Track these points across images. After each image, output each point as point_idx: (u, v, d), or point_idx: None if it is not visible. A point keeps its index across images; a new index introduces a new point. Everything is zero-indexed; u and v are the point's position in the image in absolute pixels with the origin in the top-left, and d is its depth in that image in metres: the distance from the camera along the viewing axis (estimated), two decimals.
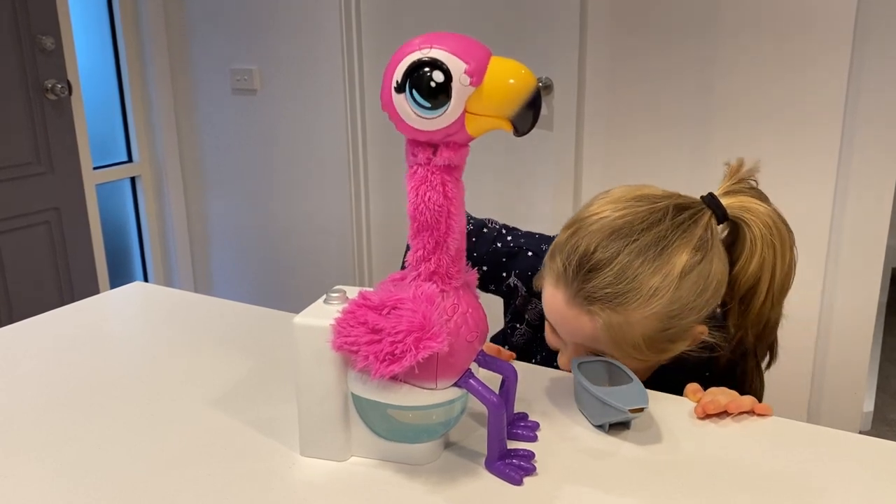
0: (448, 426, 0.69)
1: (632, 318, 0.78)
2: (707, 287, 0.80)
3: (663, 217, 0.80)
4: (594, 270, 0.78)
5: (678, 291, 0.78)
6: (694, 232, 0.80)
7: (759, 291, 0.85)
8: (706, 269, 0.79)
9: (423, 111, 0.58)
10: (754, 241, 0.83)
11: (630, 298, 0.77)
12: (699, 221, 0.81)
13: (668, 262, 0.78)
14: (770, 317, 0.88)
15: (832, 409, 1.90)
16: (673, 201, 0.82)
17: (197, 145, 2.67)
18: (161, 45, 2.58)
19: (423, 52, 0.58)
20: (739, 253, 0.84)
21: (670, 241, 0.79)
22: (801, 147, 1.78)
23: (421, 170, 0.62)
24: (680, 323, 0.80)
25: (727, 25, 1.79)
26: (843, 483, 0.67)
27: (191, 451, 0.73)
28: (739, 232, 0.85)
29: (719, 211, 0.83)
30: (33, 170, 2.28)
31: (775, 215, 0.85)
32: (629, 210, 0.81)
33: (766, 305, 0.86)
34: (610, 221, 0.81)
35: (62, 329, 1.04)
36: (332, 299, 0.70)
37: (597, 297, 0.78)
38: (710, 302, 0.81)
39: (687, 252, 0.79)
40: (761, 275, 0.84)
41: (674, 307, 0.78)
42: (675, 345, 0.82)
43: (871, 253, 1.77)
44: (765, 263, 0.84)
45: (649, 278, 0.77)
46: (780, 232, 0.84)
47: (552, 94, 1.99)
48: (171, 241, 2.77)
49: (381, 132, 2.32)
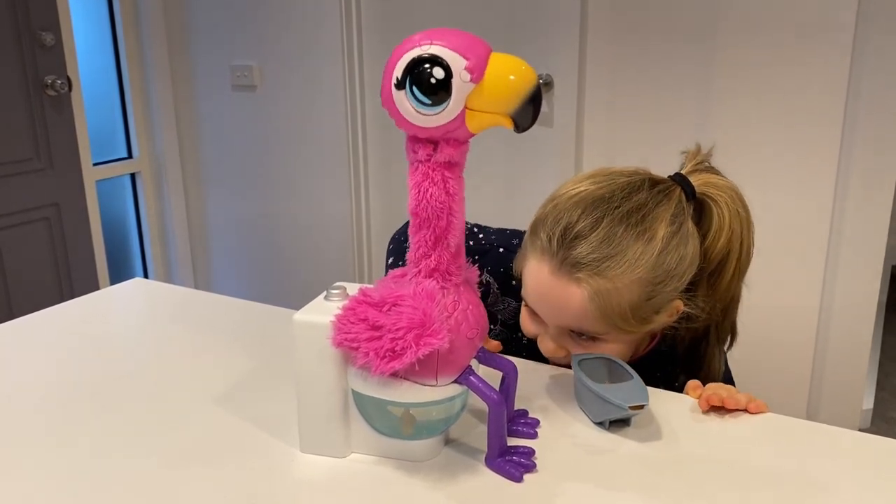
0: (448, 423, 0.69)
1: (619, 284, 0.79)
2: (685, 256, 0.82)
3: (640, 187, 0.83)
4: (579, 238, 0.80)
5: (661, 257, 0.80)
6: (669, 203, 0.83)
7: (728, 264, 0.88)
8: (684, 239, 0.82)
9: (424, 108, 0.58)
10: (722, 215, 0.86)
11: (616, 263, 0.79)
12: (672, 195, 0.84)
13: (651, 228, 0.80)
14: (735, 292, 0.91)
15: (832, 406, 1.90)
16: (647, 176, 0.86)
17: (197, 141, 2.67)
18: (161, 41, 2.58)
19: (423, 48, 0.58)
20: (708, 227, 0.87)
21: (650, 209, 0.81)
22: (802, 145, 1.77)
23: (422, 166, 0.62)
24: (663, 290, 0.81)
25: (729, 22, 1.78)
26: (842, 480, 0.67)
27: (190, 448, 0.73)
28: (706, 208, 0.87)
29: (688, 188, 0.86)
30: (33, 166, 2.27)
31: (737, 190, 0.88)
32: (607, 182, 0.84)
33: (733, 279, 0.89)
34: (590, 193, 0.83)
35: (62, 326, 1.04)
36: (333, 296, 0.69)
37: (583, 264, 0.79)
38: (688, 272, 0.83)
39: (666, 220, 0.81)
40: (730, 248, 0.87)
41: (658, 273, 0.80)
42: (658, 316, 0.84)
43: (871, 251, 1.77)
44: (733, 236, 0.86)
45: (633, 243, 0.79)
46: (745, 205, 0.88)
47: (552, 90, 1.99)
48: (170, 238, 2.77)
49: (382, 128, 2.32)
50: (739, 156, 1.83)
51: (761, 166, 1.81)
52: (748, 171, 1.83)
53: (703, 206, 0.87)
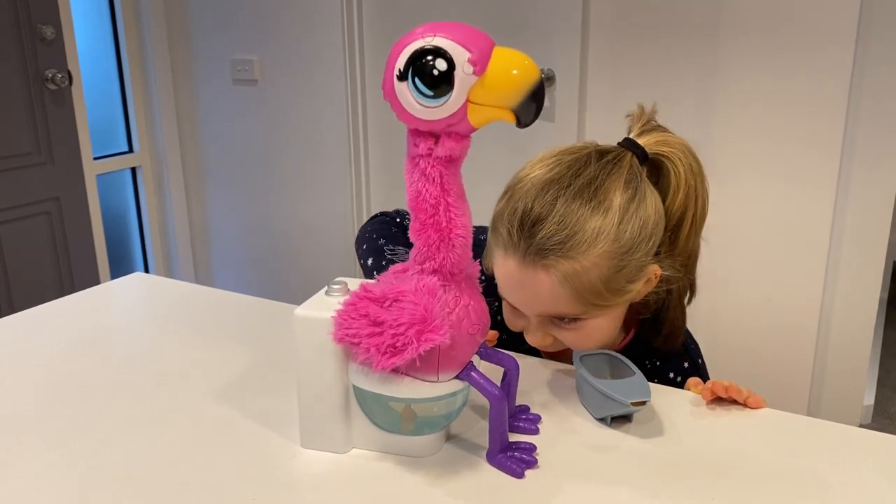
0: (449, 419, 0.69)
1: (585, 262, 0.79)
2: (647, 220, 0.82)
3: (588, 161, 0.83)
4: (537, 224, 0.79)
5: (621, 226, 0.79)
6: (621, 170, 0.82)
7: (685, 220, 0.87)
8: (642, 203, 0.82)
9: (426, 100, 0.58)
10: (678, 172, 0.86)
11: (578, 241, 0.78)
12: (622, 161, 0.84)
13: (606, 200, 0.80)
14: (694, 247, 0.90)
15: (833, 402, 1.90)
16: (594, 148, 0.85)
17: (197, 136, 2.66)
18: (161, 35, 2.57)
19: (426, 40, 0.57)
20: (666, 186, 0.87)
21: (602, 181, 0.81)
22: (804, 138, 1.77)
23: (421, 161, 0.62)
24: (632, 259, 0.81)
25: (731, 17, 1.78)
26: (843, 476, 0.67)
27: (190, 443, 0.73)
28: (662, 168, 0.87)
29: (639, 151, 0.86)
30: (33, 160, 2.27)
31: (688, 144, 0.88)
32: (555, 163, 0.84)
33: (691, 234, 0.88)
34: (540, 177, 0.83)
35: (62, 320, 1.04)
36: (334, 291, 0.69)
37: (547, 249, 0.79)
38: (654, 235, 0.83)
39: (619, 189, 0.81)
40: (687, 203, 0.87)
41: (622, 243, 0.80)
42: (633, 285, 0.83)
43: (873, 247, 1.77)
44: (690, 191, 0.86)
45: (590, 218, 0.79)
46: (697, 159, 0.88)
47: (554, 85, 1.99)
48: (171, 232, 2.77)
49: (383, 122, 2.31)
50: (741, 149, 1.83)
51: (763, 160, 1.81)
52: (750, 165, 1.83)
53: (658, 165, 0.87)
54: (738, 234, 1.86)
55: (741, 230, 1.86)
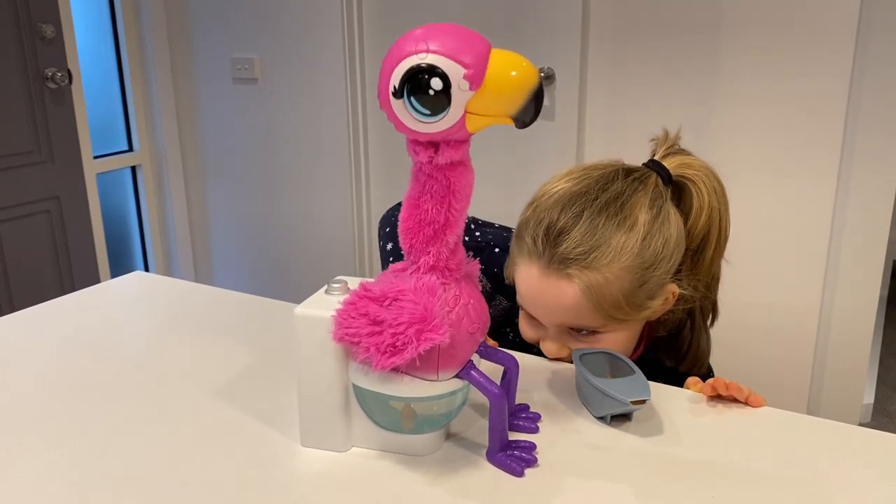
0: (449, 417, 0.69)
1: (608, 274, 0.80)
2: (669, 239, 0.83)
3: (615, 178, 0.84)
4: (562, 234, 0.81)
5: (645, 242, 0.81)
6: (646, 189, 0.84)
7: (709, 243, 0.89)
8: (665, 222, 0.83)
9: (423, 116, 0.57)
10: (701, 194, 0.87)
11: (602, 254, 0.79)
12: (647, 181, 0.85)
13: (631, 215, 0.81)
14: (716, 270, 0.92)
15: (832, 400, 1.90)
16: (621, 166, 0.87)
17: (197, 134, 2.66)
18: (161, 33, 2.57)
19: (419, 56, 0.55)
20: (689, 208, 0.88)
21: (627, 198, 0.82)
22: (804, 140, 1.77)
23: (425, 167, 0.61)
24: (654, 275, 0.82)
25: (731, 17, 1.78)
26: (842, 474, 0.67)
27: (190, 442, 0.73)
28: (684, 190, 0.88)
29: (664, 172, 0.87)
30: (33, 159, 2.27)
31: (711, 168, 0.90)
32: (583, 178, 0.85)
33: (715, 256, 0.90)
34: (567, 190, 0.84)
35: (63, 318, 1.04)
36: (334, 290, 0.69)
37: (571, 259, 0.80)
38: (676, 253, 0.84)
39: (644, 206, 0.82)
40: (710, 225, 0.88)
41: (645, 258, 0.81)
42: (653, 301, 0.84)
43: (873, 245, 1.77)
44: (713, 213, 0.88)
45: (615, 233, 0.80)
46: (720, 182, 0.89)
47: (554, 83, 1.98)
48: (171, 231, 2.77)
49: (383, 120, 2.31)
50: (741, 149, 1.83)
51: (763, 159, 1.81)
52: (750, 165, 1.83)
53: (681, 188, 0.88)
54: (738, 232, 1.84)
55: (741, 229, 1.84)
